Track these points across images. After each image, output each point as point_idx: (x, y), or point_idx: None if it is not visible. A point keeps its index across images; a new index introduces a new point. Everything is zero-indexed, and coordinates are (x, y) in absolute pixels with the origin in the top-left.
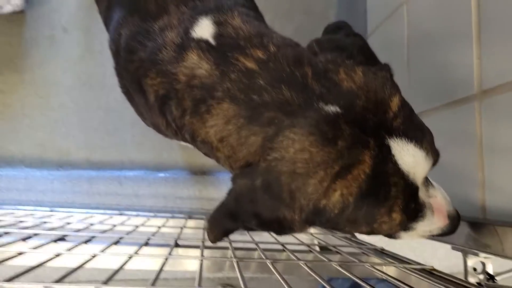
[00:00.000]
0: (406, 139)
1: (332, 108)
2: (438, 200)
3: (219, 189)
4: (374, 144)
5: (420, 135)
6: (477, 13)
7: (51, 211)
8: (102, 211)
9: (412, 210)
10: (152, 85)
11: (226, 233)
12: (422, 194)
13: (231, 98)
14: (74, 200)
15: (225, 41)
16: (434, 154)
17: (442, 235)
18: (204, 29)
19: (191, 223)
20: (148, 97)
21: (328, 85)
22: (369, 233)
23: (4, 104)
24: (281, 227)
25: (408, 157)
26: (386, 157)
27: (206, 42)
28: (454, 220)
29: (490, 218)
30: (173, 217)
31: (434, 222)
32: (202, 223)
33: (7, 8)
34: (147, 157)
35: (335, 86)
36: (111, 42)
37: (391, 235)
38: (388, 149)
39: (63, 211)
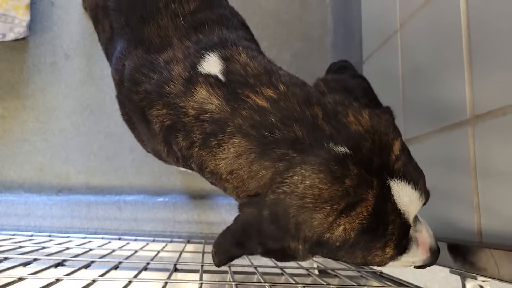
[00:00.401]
0: (405, 181)
1: (341, 149)
2: (423, 235)
3: (218, 213)
4: (377, 184)
5: (416, 177)
6: (468, 40)
7: (50, 236)
8: (101, 236)
9: (403, 245)
10: (157, 116)
11: (231, 259)
12: (411, 229)
13: (243, 134)
14: (73, 225)
15: (234, 78)
16: (426, 194)
17: (423, 267)
18: (212, 64)
19: (190, 247)
20: (152, 126)
21: (337, 127)
22: (362, 264)
23: (5, 129)
24: (284, 255)
25: (405, 197)
26: (386, 197)
27: (215, 77)
28: (435, 253)
29: (486, 242)
30: (172, 242)
31: (417, 254)
32: (201, 247)
33: (10, 36)
34: (146, 181)
35: (344, 128)
36: (114, 72)
37: (379, 265)
38: (388, 189)
39: (62, 236)
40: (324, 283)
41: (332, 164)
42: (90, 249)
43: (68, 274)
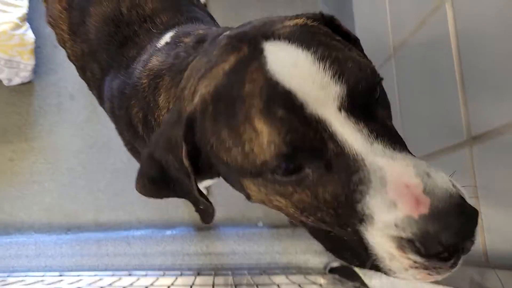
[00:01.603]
0: (287, 41)
1: (227, 32)
2: (395, 166)
3: (226, 243)
4: (247, 48)
5: (317, 45)
6: (459, 63)
7: (61, 275)
8: (111, 272)
9: (304, 136)
10: (136, 113)
11: (149, 179)
12: (353, 141)
13: (168, 70)
14: (83, 263)
15: (177, 35)
16: (350, 72)
17: (431, 244)
18: (166, 38)
19: (199, 280)
20: (138, 131)
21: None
22: (249, 165)
23: (13, 171)
24: (179, 158)
25: (283, 55)
26: (252, 58)
27: (165, 43)
28: (451, 214)
29: (491, 262)
30: (182, 275)
31: (391, 202)
32: (211, 280)
33: (16, 80)
34: (154, 215)
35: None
36: (108, 103)
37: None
38: (260, 51)
39: (72, 275)
40: None
41: (210, 43)
42: None
43: None
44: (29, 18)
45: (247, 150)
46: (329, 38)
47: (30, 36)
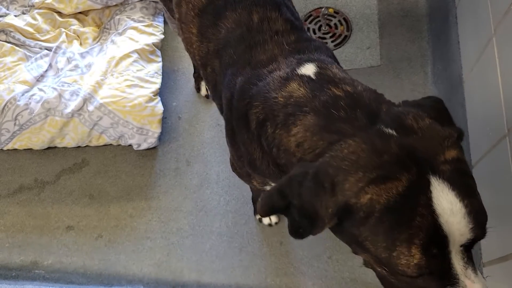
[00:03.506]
0: (449, 186)
1: (389, 131)
2: (475, 286)
3: None
4: (415, 172)
5: (466, 194)
6: None
7: None
8: None
9: (437, 264)
10: (255, 113)
11: (271, 208)
12: (458, 265)
13: (315, 111)
14: None
15: (323, 77)
16: (478, 225)
17: None
18: (308, 69)
19: None
20: (250, 125)
21: (394, 118)
22: (386, 263)
23: (132, 227)
24: (314, 214)
25: (446, 202)
26: (422, 188)
27: (308, 76)
28: None
29: None
30: None
31: None
32: None
33: (144, 146)
34: (253, 282)
35: (399, 120)
36: (226, 91)
37: (405, 273)
38: (427, 183)
39: None
40: None
41: (377, 139)
42: None
43: None
44: (160, 93)
45: (395, 256)
46: (471, 180)
47: (159, 108)
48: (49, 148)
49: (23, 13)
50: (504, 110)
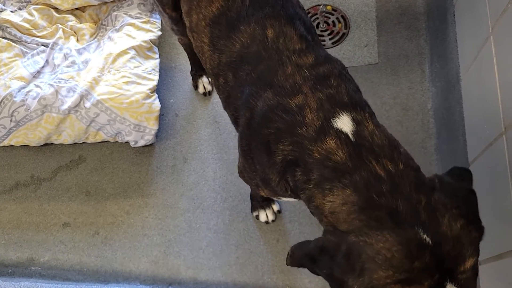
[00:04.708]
0: None
1: (426, 238)
2: None
3: None
4: (437, 280)
5: None
6: None
7: None
8: None
9: None
10: (283, 150)
11: (300, 266)
12: None
13: (356, 189)
14: None
15: (362, 141)
16: None
17: None
18: (344, 123)
19: None
20: (273, 157)
21: (432, 220)
22: None
23: (129, 224)
24: (341, 285)
25: None
26: None
27: (346, 135)
28: None
29: None
30: None
31: None
32: None
33: (141, 143)
34: (249, 279)
35: (436, 224)
36: (245, 110)
37: None
38: None
39: None
40: None
41: (413, 244)
42: None
43: None
44: (157, 89)
45: None
46: (477, 278)
47: (156, 105)
48: (45, 144)
49: (20, 9)
50: (501, 108)
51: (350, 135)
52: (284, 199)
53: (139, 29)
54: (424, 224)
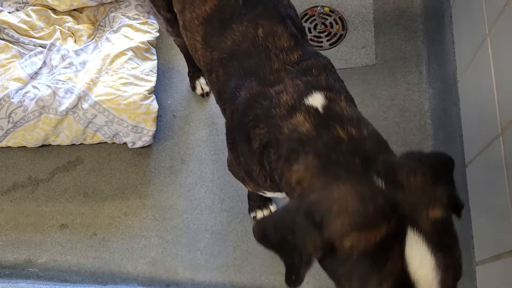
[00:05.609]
0: (424, 240)
1: (380, 182)
2: None
3: None
4: (395, 224)
5: (440, 249)
6: None
7: None
8: None
9: None
10: (259, 134)
11: (265, 238)
12: None
13: (317, 153)
14: None
15: (331, 113)
16: (446, 279)
17: None
18: (316, 99)
19: None
20: (253, 144)
21: (387, 170)
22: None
23: (126, 225)
24: (303, 248)
25: (417, 253)
26: (397, 239)
27: (316, 109)
28: None
29: None
30: None
31: None
32: None
33: (138, 144)
34: (247, 280)
35: (391, 174)
36: (230, 102)
37: None
38: (404, 235)
39: None
40: None
41: (366, 188)
42: None
43: None
44: (155, 91)
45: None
46: (452, 239)
47: (154, 106)
48: (43, 146)
49: (17, 10)
50: (497, 109)
51: (320, 109)
52: (268, 194)
53: (136, 30)
54: (379, 172)
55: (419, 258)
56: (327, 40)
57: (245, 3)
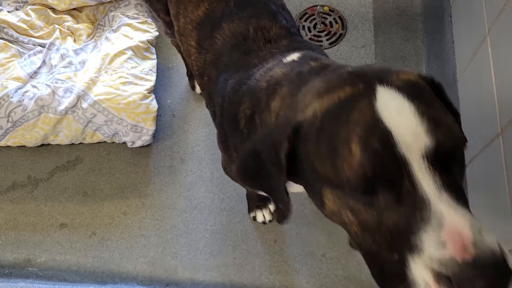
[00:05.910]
0: (397, 91)
1: (344, 69)
2: (454, 216)
3: None
4: (363, 86)
5: (416, 97)
6: None
7: None
8: None
9: (385, 166)
10: (244, 110)
11: (246, 169)
12: (425, 184)
13: (290, 81)
14: None
15: (306, 57)
16: (436, 125)
17: (465, 286)
18: (293, 56)
19: None
20: (240, 125)
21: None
22: (336, 182)
23: (126, 224)
24: (277, 151)
25: (390, 101)
26: (365, 94)
27: (292, 60)
28: (490, 268)
29: None
30: None
31: (442, 243)
32: None
33: (138, 143)
34: (247, 280)
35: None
36: (219, 98)
37: (349, 179)
38: (373, 91)
39: None
40: None
41: (333, 75)
42: None
43: None
44: (154, 90)
45: (338, 165)
46: (432, 99)
47: (154, 105)
48: (42, 145)
49: (16, 9)
50: (497, 109)
51: (296, 59)
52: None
53: (136, 29)
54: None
55: (394, 104)
56: (327, 40)
57: (236, 4)
